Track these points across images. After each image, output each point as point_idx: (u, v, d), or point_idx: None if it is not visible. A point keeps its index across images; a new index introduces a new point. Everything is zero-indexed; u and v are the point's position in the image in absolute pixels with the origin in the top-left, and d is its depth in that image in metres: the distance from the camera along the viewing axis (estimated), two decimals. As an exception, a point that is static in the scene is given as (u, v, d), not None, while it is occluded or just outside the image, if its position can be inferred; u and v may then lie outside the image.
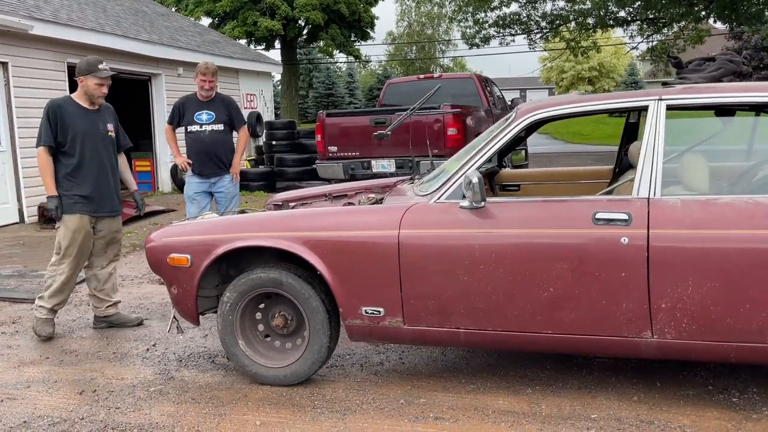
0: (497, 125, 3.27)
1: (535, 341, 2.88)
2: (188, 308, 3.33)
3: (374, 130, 7.85)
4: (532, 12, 20.93)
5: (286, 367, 3.22)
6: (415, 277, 2.93)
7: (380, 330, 3.05)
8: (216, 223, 3.33)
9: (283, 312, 3.25)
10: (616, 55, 44.02)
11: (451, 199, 2.98)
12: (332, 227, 3.09)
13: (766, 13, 18.02)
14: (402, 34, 49.98)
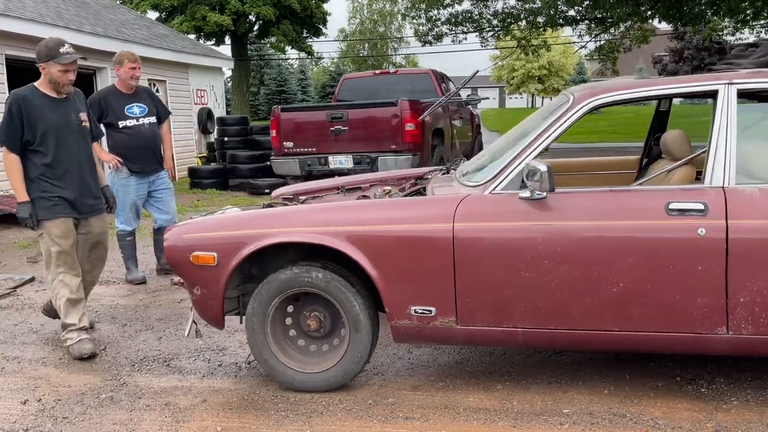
0: (545, 112, 3.15)
1: (600, 339, 2.74)
2: (213, 311, 3.07)
3: (331, 125, 7.74)
4: (484, 10, 21.07)
5: (325, 371, 3.00)
6: (471, 273, 2.74)
7: (430, 331, 2.86)
8: (245, 218, 3.08)
9: (316, 312, 3.04)
10: (564, 54, 44.93)
11: (508, 190, 2.80)
12: (378, 221, 2.85)
13: (708, 13, 18.62)
14: (354, 32, 49.77)
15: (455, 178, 3.22)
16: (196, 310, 3.17)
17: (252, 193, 10.62)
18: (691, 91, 2.85)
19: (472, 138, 10.91)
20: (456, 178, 3.20)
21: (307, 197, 3.80)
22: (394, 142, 7.53)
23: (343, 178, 4.16)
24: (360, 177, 4.09)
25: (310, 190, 3.94)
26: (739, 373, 3.04)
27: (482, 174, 2.98)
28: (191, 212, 8.93)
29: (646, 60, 39.33)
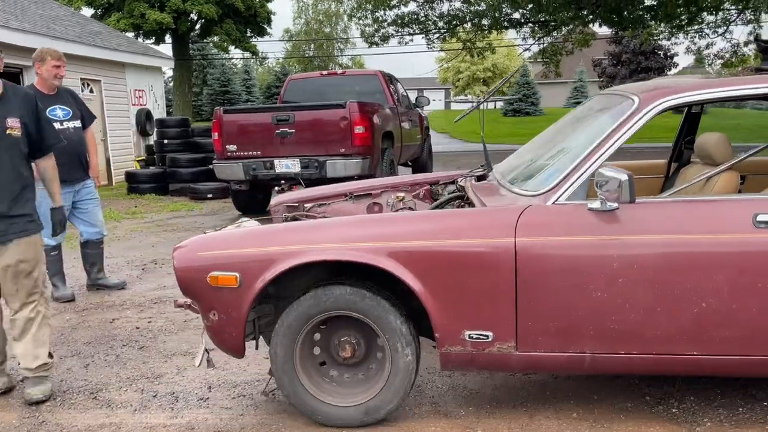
0: (587, 115, 2.93)
1: (675, 363, 2.49)
2: (233, 337, 2.67)
3: (277, 127, 7.42)
4: (430, 12, 21.08)
5: (362, 404, 2.66)
6: (535, 293, 2.45)
7: (485, 358, 2.55)
8: (272, 233, 2.73)
9: (348, 338, 2.71)
10: (508, 57, 45.62)
11: (572, 200, 2.50)
12: (427, 235, 2.53)
13: (647, 18, 19.09)
14: (300, 32, 49.21)
15: (501, 185, 2.93)
16: (210, 336, 2.78)
17: (194, 198, 10.17)
18: None
19: (422, 140, 10.75)
20: (502, 185, 2.91)
21: (313, 205, 3.55)
22: (343, 145, 7.27)
23: (351, 184, 3.87)
24: (369, 183, 3.83)
25: (315, 197, 3.67)
26: (708, 391, 2.92)
27: (537, 182, 2.69)
28: (127, 219, 8.45)
29: (587, 63, 40.29)
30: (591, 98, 3.55)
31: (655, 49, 37.42)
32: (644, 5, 18.34)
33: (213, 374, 3.32)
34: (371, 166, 7.38)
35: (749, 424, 2.61)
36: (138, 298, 4.81)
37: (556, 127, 3.48)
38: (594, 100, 3.36)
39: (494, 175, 3.16)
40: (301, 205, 3.58)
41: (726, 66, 21.66)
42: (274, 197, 3.80)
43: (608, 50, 40.22)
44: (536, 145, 3.41)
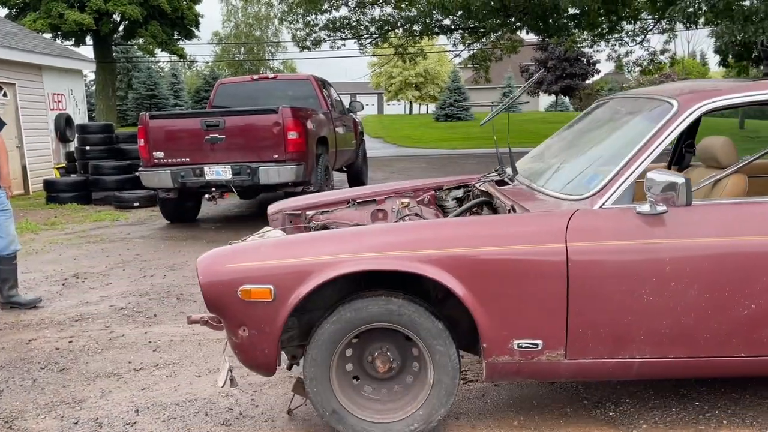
0: (630, 119, 2.84)
1: (723, 366, 2.49)
2: (264, 355, 2.50)
3: (206, 133, 7.18)
4: (362, 17, 21.11)
5: (402, 420, 2.53)
6: (587, 299, 2.39)
7: (532, 367, 2.47)
8: (306, 242, 2.58)
9: (382, 351, 2.58)
10: (440, 62, 46.26)
11: (619, 204, 2.46)
12: (474, 242, 2.43)
13: (570, 25, 19.75)
14: (229, 35, 48.28)
15: (534, 189, 2.85)
16: (237, 354, 2.60)
17: (119, 208, 9.74)
18: None
19: (357, 145, 10.69)
20: (536, 189, 2.83)
21: (315, 212, 3.41)
22: (276, 151, 7.11)
23: (353, 190, 3.74)
24: (371, 189, 3.70)
25: (316, 204, 3.53)
26: (643, 393, 2.97)
27: (578, 186, 2.62)
28: (46, 231, 7.99)
29: (515, 69, 41.36)
30: (604, 102, 3.54)
31: (579, 56, 38.84)
32: (568, 14, 18.95)
33: (140, 396, 3.14)
34: (306, 172, 7.26)
35: (682, 424, 2.66)
36: (58, 315, 4.52)
37: (576, 131, 3.45)
38: (614, 104, 3.33)
39: (521, 179, 3.09)
40: (305, 212, 3.47)
41: (644, 73, 22.64)
42: (274, 206, 3.64)
43: (535, 57, 41.45)
44: (557, 148, 3.38)
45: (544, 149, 3.57)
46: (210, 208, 9.08)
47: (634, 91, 3.30)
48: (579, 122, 3.59)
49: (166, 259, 6.12)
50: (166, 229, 7.89)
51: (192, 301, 4.70)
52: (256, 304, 2.44)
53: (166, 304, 4.67)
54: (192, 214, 8.35)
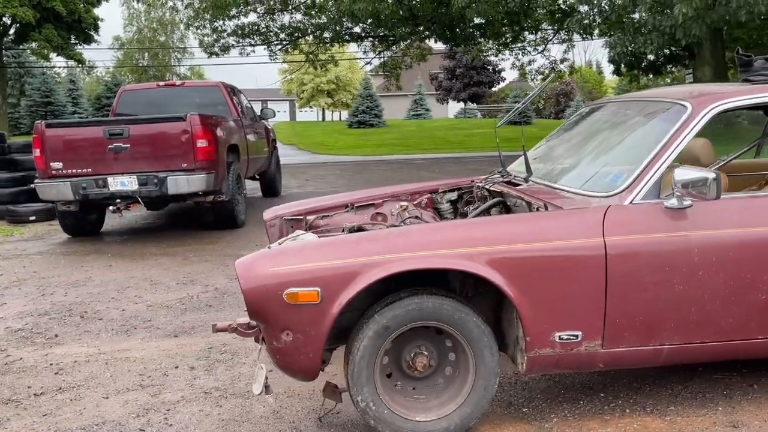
0: (645, 120, 2.98)
1: (745, 348, 2.68)
2: (309, 359, 2.48)
3: (109, 142, 6.87)
4: (271, 23, 20.90)
5: (446, 417, 2.56)
6: (624, 290, 2.52)
7: (571, 358, 2.58)
8: (350, 243, 2.60)
9: (421, 349, 2.60)
10: (351, 70, 46.47)
11: (647, 199, 2.60)
12: (515, 239, 2.52)
13: (477, 35, 20.39)
14: (131, 40, 46.43)
15: (555, 188, 2.94)
16: (277, 359, 2.55)
17: (13, 222, 9.11)
18: None
19: (269, 153, 10.54)
20: (557, 188, 2.92)
21: (315, 217, 3.40)
22: (185, 160, 6.89)
23: (349, 195, 3.71)
24: (368, 193, 3.70)
25: (314, 209, 3.50)
26: (553, 388, 3.10)
27: (603, 183, 2.75)
28: (-69, 249, 7.34)
29: (424, 77, 42.20)
30: (600, 106, 3.70)
31: (485, 64, 40.15)
32: (474, 24, 19.58)
33: (42, 423, 2.94)
34: (217, 180, 7.09)
35: (590, 415, 2.80)
36: (-55, 340, 4.16)
37: (579, 133, 3.59)
38: (617, 107, 3.48)
39: (536, 180, 3.17)
40: (305, 216, 3.45)
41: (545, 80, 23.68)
42: (269, 212, 3.57)
43: (443, 65, 42.49)
44: (563, 150, 3.51)
45: (546, 151, 3.70)
46: (115, 220, 8.67)
47: (634, 95, 3.50)
48: (577, 125, 3.76)
49: (68, 276, 5.79)
50: (66, 243, 7.47)
51: (98, 319, 4.47)
52: (302, 307, 2.44)
53: (69, 323, 4.42)
54: (95, 227, 7.95)
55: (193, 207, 9.18)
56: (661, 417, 2.76)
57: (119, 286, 5.34)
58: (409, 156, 19.58)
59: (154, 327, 4.25)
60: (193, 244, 6.94)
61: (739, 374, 3.12)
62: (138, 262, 6.20)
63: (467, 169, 14.38)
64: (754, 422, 2.68)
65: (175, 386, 3.29)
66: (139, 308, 4.69)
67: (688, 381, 3.08)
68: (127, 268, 5.97)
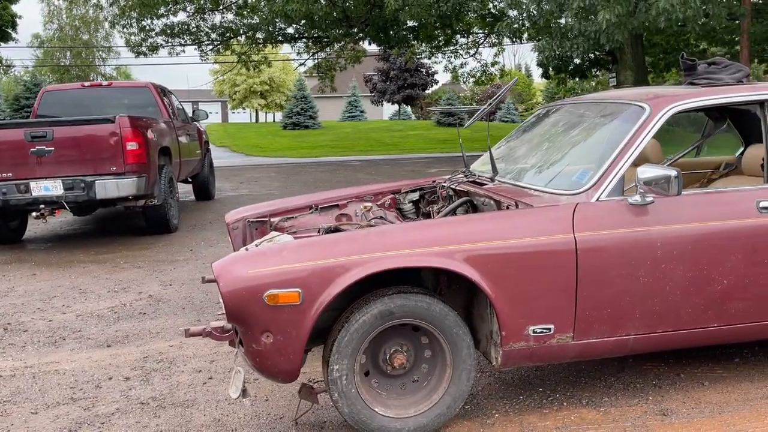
0: (604, 120, 3.11)
1: (703, 336, 2.83)
2: (290, 360, 2.48)
3: (31, 145, 6.54)
4: (202, 23, 20.45)
5: (424, 413, 2.62)
6: (593, 284, 2.63)
7: (544, 350, 2.67)
8: (329, 243, 2.60)
9: (398, 347, 2.64)
10: (284, 71, 46.01)
11: (612, 197, 2.72)
12: (491, 236, 2.60)
13: (410, 37, 20.59)
14: (52, 38, 44.38)
15: (520, 187, 3.03)
16: (255, 362, 2.52)
17: (-75, 231, 8.54)
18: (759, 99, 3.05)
19: (202, 155, 10.29)
20: (523, 187, 3.01)
21: (280, 219, 3.37)
22: (114, 163, 6.64)
23: (312, 196, 3.68)
24: (331, 194, 3.68)
25: (277, 210, 3.47)
26: (493, 385, 3.16)
27: (568, 182, 2.85)
28: None
29: (359, 79, 42.26)
30: (557, 107, 3.81)
31: (419, 67, 40.60)
32: (407, 26, 19.77)
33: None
34: (148, 184, 6.87)
35: (529, 410, 2.87)
36: None
37: (539, 134, 3.69)
38: (575, 108, 3.59)
39: (502, 179, 3.23)
40: (269, 218, 3.41)
41: (477, 83, 24.18)
42: (232, 215, 3.51)
43: (377, 67, 42.68)
44: (526, 150, 3.60)
45: (507, 151, 3.78)
46: (38, 226, 8.27)
47: (589, 97, 3.64)
48: (536, 126, 3.86)
49: (-12, 286, 5.48)
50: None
51: (23, 331, 4.25)
52: (282, 308, 2.43)
53: (-9, 337, 4.18)
54: (17, 234, 7.54)
55: (122, 211, 8.88)
56: (596, 408, 2.86)
57: (45, 296, 5.10)
58: (345, 158, 19.56)
59: (84, 337, 4.08)
60: (123, 251, 6.70)
61: (667, 364, 3.28)
62: (65, 270, 5.93)
63: (403, 170, 14.51)
64: (682, 410, 2.82)
65: (109, 398, 3.17)
66: (67, 318, 4.49)
67: (620, 372, 3.21)
68: (53, 276, 5.71)
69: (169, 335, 4.01)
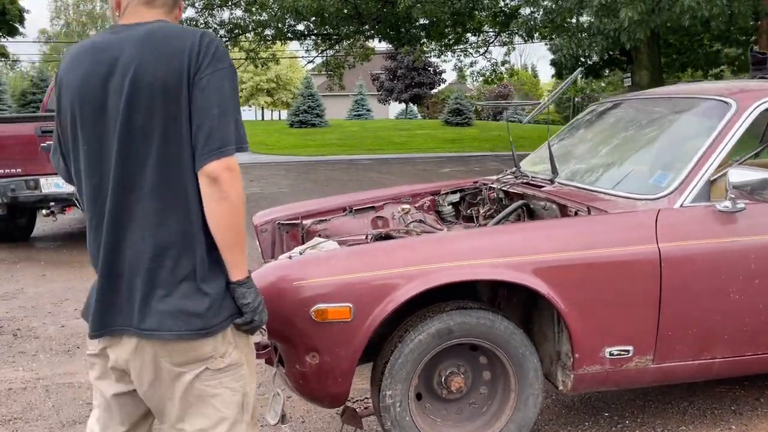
0: (684, 118, 2.84)
1: None
2: (336, 384, 2.19)
3: (42, 140, 6.28)
4: (210, 19, 20.23)
5: None
6: (678, 301, 2.34)
7: (619, 375, 2.38)
8: (383, 252, 2.31)
9: (455, 368, 2.37)
10: (291, 68, 45.78)
11: (697, 202, 2.41)
12: (565, 246, 2.31)
13: (422, 35, 20.33)
14: (59, 34, 44.27)
15: (587, 189, 2.73)
16: (299, 384, 2.27)
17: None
18: None
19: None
20: (591, 189, 2.71)
21: (313, 221, 3.13)
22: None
23: (346, 197, 3.43)
24: (367, 195, 3.44)
25: (311, 212, 3.23)
26: (553, 408, 2.90)
27: (641, 185, 2.57)
28: None
29: (366, 77, 42.02)
30: (618, 103, 3.51)
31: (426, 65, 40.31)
32: (419, 24, 19.51)
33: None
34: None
35: None
36: None
37: (600, 132, 3.42)
38: (642, 105, 3.29)
39: (562, 181, 2.93)
40: (301, 220, 3.18)
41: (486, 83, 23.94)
42: (261, 216, 3.27)
43: (385, 65, 42.41)
44: (585, 149, 3.34)
45: (563, 151, 3.45)
46: (46, 224, 8.03)
47: (655, 92, 3.34)
48: (594, 124, 3.57)
49: (-4, 288, 5.24)
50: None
51: (33, 338, 4.00)
52: (331, 325, 2.15)
53: (1, 343, 3.93)
54: (25, 232, 7.31)
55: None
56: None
57: (56, 298, 4.84)
58: (354, 156, 19.31)
59: (99, 346, 3.82)
60: (136, 251, 6.44)
61: (742, 387, 3.00)
62: (76, 270, 5.67)
63: (415, 169, 14.26)
64: (766, 439, 2.55)
65: (130, 416, 2.90)
66: (81, 324, 4.22)
67: (692, 396, 2.94)
68: (64, 277, 5.45)
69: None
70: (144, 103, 1.48)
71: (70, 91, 1.57)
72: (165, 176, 1.50)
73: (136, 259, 1.50)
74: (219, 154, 1.48)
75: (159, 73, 1.48)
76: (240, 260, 1.56)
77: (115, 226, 1.51)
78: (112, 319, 1.53)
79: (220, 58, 1.53)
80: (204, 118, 1.48)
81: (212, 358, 1.54)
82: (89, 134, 1.55)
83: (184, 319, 1.49)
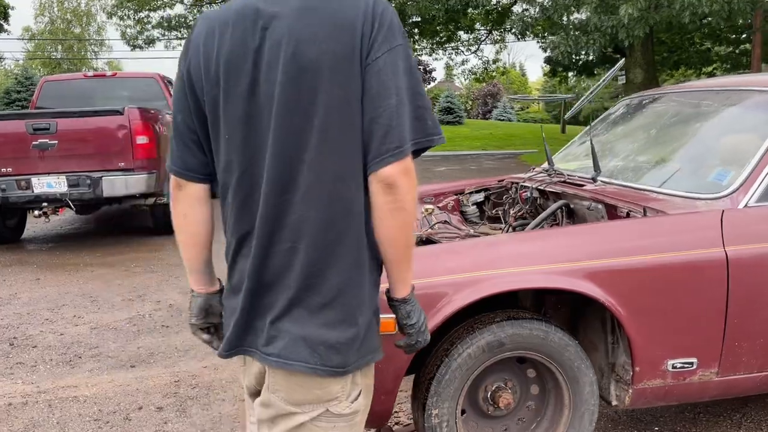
0: (738, 111, 2.64)
1: None
2: (380, 402, 1.96)
3: (33, 138, 6.04)
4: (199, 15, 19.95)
5: None
6: (745, 309, 2.16)
7: (681, 389, 2.21)
8: (424, 258, 2.03)
9: (502, 383, 2.20)
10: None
11: (763, 202, 2.23)
12: (624, 250, 2.12)
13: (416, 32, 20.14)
14: (43, 31, 43.56)
15: (637, 188, 2.55)
16: None
17: None
18: None
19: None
20: (640, 188, 2.53)
21: None
22: (123, 158, 6.14)
23: None
24: None
25: None
26: (599, 422, 2.71)
27: (697, 183, 2.40)
28: None
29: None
30: (658, 96, 3.32)
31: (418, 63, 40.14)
32: (411, 21, 19.32)
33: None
34: (158, 181, 6.38)
35: None
36: None
37: (642, 126, 3.24)
38: (689, 97, 3.09)
39: (605, 179, 2.75)
40: None
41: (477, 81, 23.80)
42: None
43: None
44: (627, 145, 3.16)
45: (599, 147, 3.24)
46: (37, 225, 7.75)
47: (700, 84, 3.17)
48: (633, 118, 3.39)
49: (-13, 293, 4.99)
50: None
51: (31, 347, 3.76)
52: None
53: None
54: (15, 234, 7.04)
55: (123, 210, 8.38)
56: (724, 450, 2.43)
57: (52, 304, 4.61)
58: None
59: (103, 355, 3.60)
60: (132, 253, 6.21)
61: (794, 396, 2.85)
62: (72, 274, 5.43)
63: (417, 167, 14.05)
64: (828, 453, 2.40)
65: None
66: (80, 332, 4.00)
67: (745, 407, 2.77)
68: (59, 281, 5.21)
69: (200, 354, 3.54)
70: (307, 84, 1.21)
71: (213, 64, 1.27)
72: (324, 177, 1.25)
73: (282, 271, 1.28)
74: (398, 155, 1.23)
75: (326, 46, 1.21)
76: (409, 276, 1.36)
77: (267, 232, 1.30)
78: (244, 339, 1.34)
79: (396, 31, 1.25)
80: (380, 110, 1.22)
81: (337, 400, 1.30)
82: (232, 119, 1.27)
83: (322, 351, 1.25)
